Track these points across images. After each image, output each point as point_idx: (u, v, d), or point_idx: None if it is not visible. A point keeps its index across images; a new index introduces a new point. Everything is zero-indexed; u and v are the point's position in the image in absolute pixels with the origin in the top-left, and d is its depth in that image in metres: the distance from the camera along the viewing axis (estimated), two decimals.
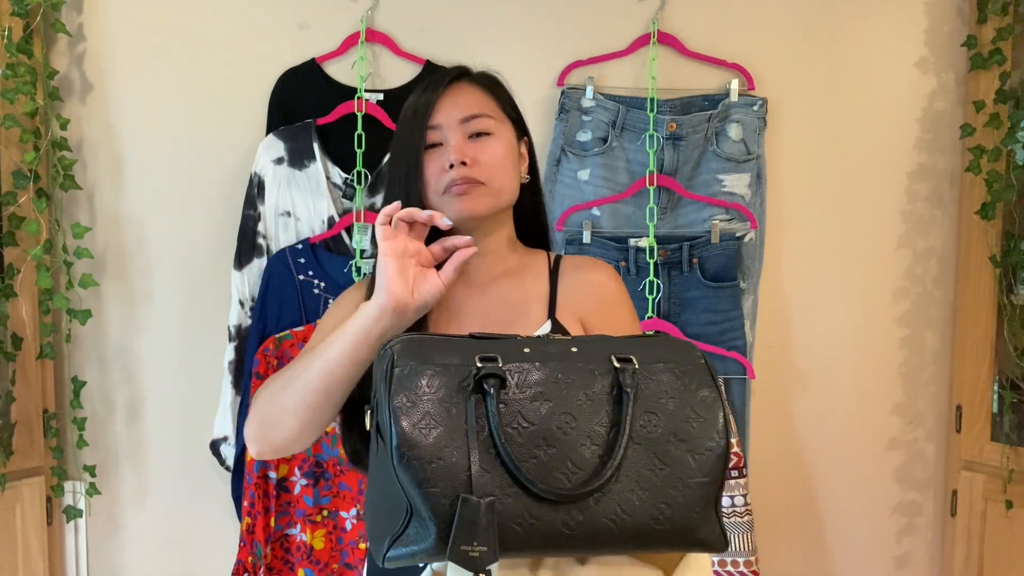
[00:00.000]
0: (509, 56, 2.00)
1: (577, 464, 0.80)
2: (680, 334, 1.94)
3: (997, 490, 1.98)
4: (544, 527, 0.78)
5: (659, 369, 0.86)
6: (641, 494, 0.81)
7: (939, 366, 2.14)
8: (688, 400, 0.85)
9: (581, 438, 0.81)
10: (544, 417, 0.81)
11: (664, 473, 0.82)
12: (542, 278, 1.13)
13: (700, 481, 0.82)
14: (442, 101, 1.09)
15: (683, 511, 0.81)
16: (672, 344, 0.90)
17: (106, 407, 2.04)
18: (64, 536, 2.04)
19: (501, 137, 1.10)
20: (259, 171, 1.93)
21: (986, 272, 2.01)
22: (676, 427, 0.83)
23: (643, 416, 0.83)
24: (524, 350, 0.85)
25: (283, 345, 1.85)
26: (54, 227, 1.92)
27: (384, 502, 0.84)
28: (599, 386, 0.83)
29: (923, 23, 2.07)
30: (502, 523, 0.77)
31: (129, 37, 1.98)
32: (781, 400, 2.11)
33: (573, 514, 0.79)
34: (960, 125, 2.04)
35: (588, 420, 0.82)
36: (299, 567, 1.86)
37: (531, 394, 0.82)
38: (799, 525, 2.14)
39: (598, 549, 0.82)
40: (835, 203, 2.09)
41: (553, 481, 0.79)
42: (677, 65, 2.03)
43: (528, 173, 1.16)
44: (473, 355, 0.83)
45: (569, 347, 0.87)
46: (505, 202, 1.10)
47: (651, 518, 0.81)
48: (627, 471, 0.81)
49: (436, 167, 1.07)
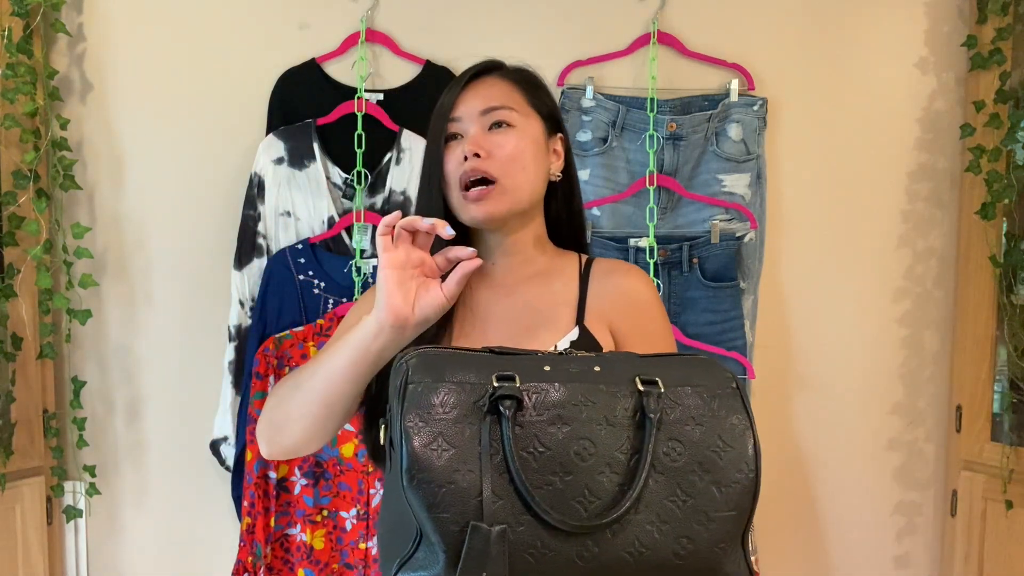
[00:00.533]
0: (509, 56, 1.97)
1: (595, 493, 0.76)
2: (680, 334, 1.94)
3: (997, 490, 1.98)
4: (557, 558, 0.75)
5: (686, 393, 0.81)
6: (662, 527, 0.77)
7: (939, 366, 2.14)
8: (716, 427, 0.80)
9: (600, 465, 0.77)
10: (561, 442, 0.77)
11: (687, 505, 0.77)
12: (572, 282, 1.08)
13: (726, 515, 0.78)
14: (465, 93, 1.07)
15: (707, 546, 0.77)
16: (703, 365, 0.85)
17: (106, 407, 2.04)
18: (64, 536, 2.04)
19: (522, 131, 1.06)
20: (259, 171, 1.93)
21: (986, 272, 2.01)
22: (702, 456, 0.79)
23: (667, 443, 0.78)
24: (544, 368, 0.81)
25: (283, 345, 1.85)
26: (54, 227, 1.92)
27: (395, 521, 0.82)
28: (621, 410, 0.79)
29: (923, 23, 2.07)
30: (513, 552, 0.74)
31: (129, 37, 1.98)
32: (781, 400, 2.11)
33: (588, 546, 0.75)
34: (960, 125, 2.04)
35: (608, 446, 0.77)
36: (299, 567, 1.86)
37: (549, 417, 0.77)
38: (799, 525, 2.14)
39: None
40: (835, 203, 2.09)
41: (568, 510, 0.75)
42: (677, 65, 2.03)
43: (563, 172, 1.12)
44: (490, 373, 0.79)
45: (592, 366, 0.82)
46: (525, 201, 1.06)
47: (672, 553, 0.77)
48: (648, 502, 0.77)
49: (454, 159, 1.05)
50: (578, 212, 1.16)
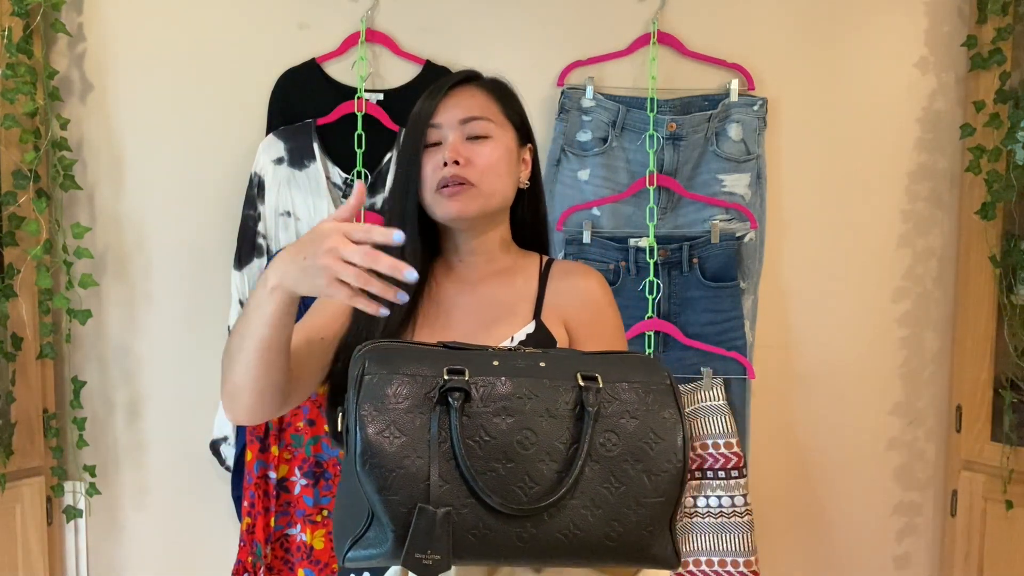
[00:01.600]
0: (509, 56, 2.00)
1: (534, 479, 0.82)
2: (680, 334, 1.94)
3: (997, 490, 1.98)
4: (498, 538, 0.81)
5: (624, 388, 0.87)
6: (595, 511, 0.82)
7: (939, 366, 2.14)
8: (649, 421, 0.86)
9: (540, 454, 0.82)
10: (505, 432, 0.82)
11: (619, 492, 0.83)
12: (532, 280, 1.16)
13: (655, 501, 0.84)
14: (446, 102, 1.12)
15: (636, 529, 0.83)
16: (642, 363, 0.91)
17: (106, 407, 2.04)
18: (64, 536, 2.04)
19: (499, 141, 1.12)
20: (259, 171, 1.93)
21: (986, 272, 2.00)
22: (634, 447, 0.84)
23: (603, 435, 0.84)
24: (493, 363, 0.86)
25: None
26: (54, 227, 1.92)
27: (349, 502, 0.86)
28: (563, 403, 0.85)
29: (923, 23, 2.07)
30: (457, 533, 0.80)
31: (129, 37, 1.98)
32: (781, 400, 2.11)
33: (527, 527, 0.81)
34: (960, 125, 2.04)
35: (549, 436, 0.83)
36: (299, 567, 1.86)
37: (495, 408, 0.83)
38: (799, 525, 2.14)
39: (550, 561, 0.84)
40: (835, 203, 2.09)
41: (509, 495, 0.81)
42: (677, 65, 2.03)
43: (530, 180, 1.18)
44: (442, 367, 0.84)
45: (538, 361, 0.88)
46: (496, 205, 1.13)
47: (603, 535, 0.83)
48: (583, 488, 0.83)
49: (432, 165, 1.10)
50: (543, 217, 1.23)
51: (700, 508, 1.93)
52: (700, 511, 1.93)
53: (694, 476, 1.94)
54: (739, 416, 1.96)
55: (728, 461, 1.92)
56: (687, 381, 1.95)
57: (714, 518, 1.93)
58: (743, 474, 1.92)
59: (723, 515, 1.92)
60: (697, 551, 1.93)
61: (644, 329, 1.94)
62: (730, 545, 1.91)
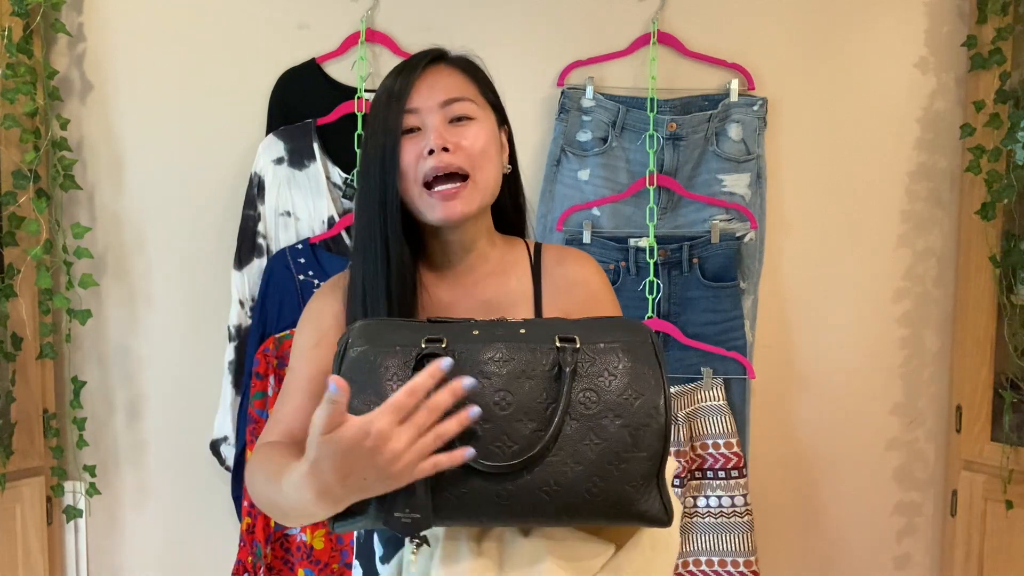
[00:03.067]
0: (509, 56, 2.00)
1: (512, 438, 0.83)
2: (680, 334, 1.94)
3: (997, 490, 1.98)
4: (478, 497, 0.82)
5: (602, 348, 0.87)
6: (575, 467, 0.83)
7: (939, 366, 2.14)
8: (629, 378, 0.86)
9: (518, 414, 0.84)
10: (482, 394, 0.83)
11: (599, 448, 0.83)
12: (525, 276, 1.10)
13: (637, 456, 0.84)
14: (420, 83, 1.01)
15: (618, 485, 0.83)
16: (623, 325, 0.91)
17: (106, 407, 2.04)
18: (64, 536, 2.04)
19: (483, 123, 1.03)
20: (259, 171, 1.93)
21: (986, 272, 2.00)
22: (614, 404, 0.85)
23: (583, 393, 0.85)
24: (473, 332, 0.88)
25: (283, 345, 1.85)
26: (54, 227, 1.92)
27: None
28: (540, 365, 0.86)
29: (923, 23, 2.07)
30: (436, 493, 0.81)
31: (129, 37, 1.98)
32: (781, 400, 2.11)
33: (506, 485, 0.82)
34: (960, 125, 2.04)
35: (527, 397, 0.84)
36: (299, 567, 1.86)
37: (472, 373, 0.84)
38: (799, 525, 2.14)
39: (531, 519, 0.85)
40: (835, 203, 2.09)
41: (488, 454, 0.82)
42: (677, 65, 2.03)
43: (509, 163, 1.10)
44: (421, 338, 0.86)
45: (518, 329, 0.89)
46: (492, 195, 1.04)
47: (584, 490, 0.83)
48: (563, 445, 0.83)
49: (413, 154, 0.99)
50: (522, 201, 1.16)
51: (700, 508, 1.93)
52: (700, 511, 1.93)
53: (694, 476, 1.94)
54: (739, 416, 1.96)
55: (728, 461, 1.92)
56: (687, 381, 1.95)
57: (714, 518, 1.93)
58: (743, 474, 1.92)
59: (723, 515, 1.92)
60: (697, 551, 1.93)
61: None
62: (730, 545, 1.91)
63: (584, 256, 1.13)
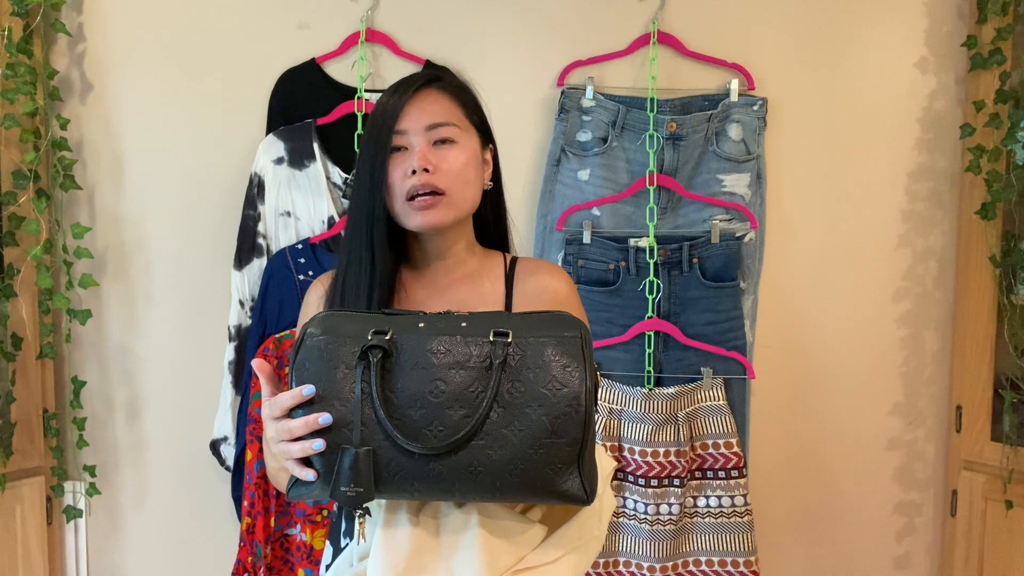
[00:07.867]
0: (509, 56, 2.00)
1: (443, 424, 0.93)
2: (680, 334, 1.94)
3: (997, 490, 1.98)
4: (411, 474, 0.93)
5: (531, 343, 0.95)
6: (499, 451, 0.92)
7: (939, 366, 2.14)
8: (554, 370, 0.94)
9: (450, 402, 0.93)
10: (418, 382, 0.93)
11: (522, 435, 0.92)
12: (498, 282, 1.19)
13: (557, 443, 0.92)
14: (409, 106, 1.12)
15: (538, 467, 0.92)
16: (557, 320, 0.99)
17: (106, 407, 2.04)
18: (64, 536, 2.04)
19: (464, 146, 1.14)
20: (259, 171, 1.93)
21: (986, 272, 2.01)
22: (537, 394, 0.93)
23: (511, 383, 0.94)
24: (419, 325, 0.97)
25: (283, 345, 1.85)
26: (54, 227, 1.92)
27: None
28: (475, 357, 0.95)
29: (923, 23, 2.08)
30: (377, 470, 0.92)
31: (129, 37, 1.98)
32: (781, 400, 2.11)
33: (436, 465, 0.92)
34: (960, 125, 2.04)
35: (459, 386, 0.93)
36: (299, 567, 1.86)
37: (411, 363, 0.94)
38: (799, 525, 2.14)
39: (461, 495, 0.95)
40: (835, 203, 2.09)
41: (421, 437, 0.92)
42: (677, 65, 2.03)
43: (492, 180, 1.20)
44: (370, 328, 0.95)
45: (460, 322, 0.98)
46: (466, 211, 1.15)
47: (506, 471, 0.93)
48: (488, 431, 0.93)
49: (400, 172, 1.11)
50: (504, 215, 1.26)
51: (700, 508, 1.93)
52: (700, 511, 1.93)
53: (694, 476, 1.94)
54: (739, 416, 1.96)
55: (728, 461, 1.92)
56: (687, 381, 1.95)
57: (714, 518, 1.93)
58: (743, 474, 1.92)
59: (723, 515, 1.92)
60: (697, 551, 1.93)
61: (644, 329, 1.95)
62: (730, 545, 1.91)
63: (556, 268, 1.22)
